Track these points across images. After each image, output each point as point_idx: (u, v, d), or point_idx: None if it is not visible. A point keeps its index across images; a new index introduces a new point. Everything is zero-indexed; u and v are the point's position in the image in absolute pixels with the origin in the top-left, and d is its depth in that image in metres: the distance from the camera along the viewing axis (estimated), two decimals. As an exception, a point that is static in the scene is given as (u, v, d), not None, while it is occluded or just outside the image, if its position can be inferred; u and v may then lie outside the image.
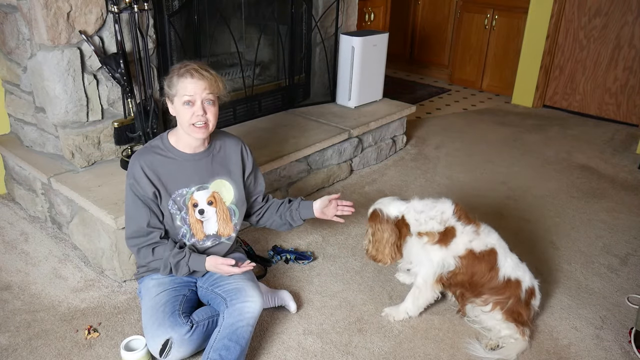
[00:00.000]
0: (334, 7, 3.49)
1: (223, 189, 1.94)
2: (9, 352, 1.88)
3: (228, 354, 1.72)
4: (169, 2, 2.64)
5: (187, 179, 1.86)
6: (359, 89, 3.57)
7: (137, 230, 1.83)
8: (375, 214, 2.07)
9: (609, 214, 3.01)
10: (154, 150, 1.85)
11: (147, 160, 1.81)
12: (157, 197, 1.82)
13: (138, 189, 1.80)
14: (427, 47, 5.81)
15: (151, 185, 1.80)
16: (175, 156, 1.85)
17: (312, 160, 3.05)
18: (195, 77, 1.73)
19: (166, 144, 1.86)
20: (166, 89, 1.80)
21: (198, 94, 1.74)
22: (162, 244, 1.84)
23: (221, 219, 1.94)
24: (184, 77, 1.74)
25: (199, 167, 1.88)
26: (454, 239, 1.97)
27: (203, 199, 1.89)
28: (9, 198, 2.91)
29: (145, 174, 1.79)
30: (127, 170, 1.84)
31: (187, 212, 1.87)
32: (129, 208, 1.84)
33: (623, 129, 4.43)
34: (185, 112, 1.75)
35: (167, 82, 1.79)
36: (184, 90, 1.74)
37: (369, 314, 2.15)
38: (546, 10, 4.62)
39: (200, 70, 1.75)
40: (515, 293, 1.97)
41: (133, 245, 1.86)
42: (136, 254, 1.89)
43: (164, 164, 1.83)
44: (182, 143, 1.86)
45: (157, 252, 1.84)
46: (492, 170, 3.55)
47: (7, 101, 2.75)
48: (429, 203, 2.04)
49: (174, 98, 1.77)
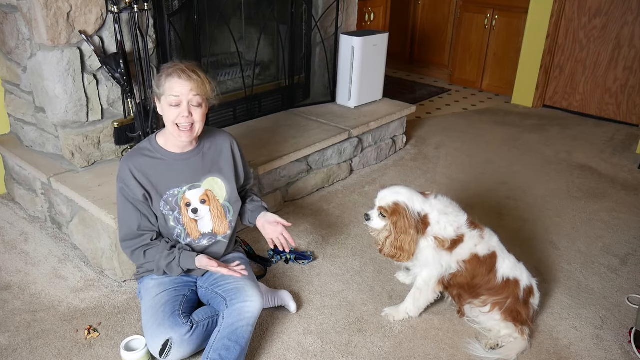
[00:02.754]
0: (334, 7, 3.49)
1: (215, 186, 1.94)
2: (9, 352, 1.88)
3: (228, 354, 1.72)
4: (169, 2, 2.64)
5: (178, 178, 1.86)
6: (359, 89, 3.57)
7: (128, 233, 1.84)
8: (399, 207, 1.92)
9: (609, 214, 3.01)
10: (142, 153, 1.84)
11: (136, 163, 1.81)
12: (147, 199, 1.82)
13: (128, 192, 1.80)
14: (427, 47, 5.81)
15: (140, 188, 1.80)
16: (164, 157, 1.85)
17: (312, 160, 3.05)
18: (183, 77, 1.72)
19: (154, 145, 1.86)
20: (154, 88, 1.80)
21: (184, 95, 1.73)
22: (153, 247, 1.84)
23: (215, 217, 1.93)
24: (172, 77, 1.73)
25: (190, 166, 1.88)
26: (461, 244, 1.96)
27: (195, 198, 1.89)
28: (9, 198, 2.91)
29: (134, 177, 1.79)
30: (117, 175, 1.84)
31: (180, 212, 1.87)
32: (120, 211, 1.85)
33: (623, 129, 4.43)
34: (170, 112, 1.75)
35: (155, 81, 1.79)
36: (170, 90, 1.73)
37: (369, 314, 2.15)
38: (546, 10, 4.62)
39: (187, 72, 1.73)
40: (513, 293, 1.97)
41: (126, 247, 1.87)
42: (130, 256, 1.89)
43: (152, 166, 1.83)
44: (171, 143, 1.85)
45: (148, 255, 1.84)
46: (492, 170, 3.55)
47: (7, 101, 2.75)
48: (449, 206, 1.99)
49: (162, 97, 1.77)
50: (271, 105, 3.40)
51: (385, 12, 5.01)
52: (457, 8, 5.41)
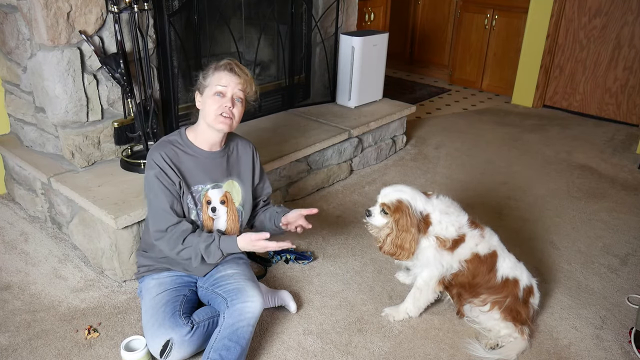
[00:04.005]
0: (334, 7, 3.49)
1: (233, 189, 1.96)
2: (9, 352, 1.88)
3: (228, 354, 1.72)
4: (169, 2, 2.64)
5: (204, 176, 1.87)
6: (359, 88, 3.57)
7: (169, 219, 1.78)
8: (402, 205, 1.91)
9: (609, 214, 3.01)
10: (172, 144, 1.86)
11: (168, 152, 1.82)
12: (181, 188, 1.82)
13: (165, 178, 1.78)
14: (427, 47, 5.81)
15: (176, 175, 1.80)
16: (193, 152, 1.87)
17: (312, 160, 3.05)
18: (234, 71, 1.79)
19: (185, 140, 1.87)
20: (200, 80, 1.84)
21: (231, 87, 1.78)
22: (191, 233, 1.80)
23: (230, 219, 1.95)
24: (221, 70, 1.79)
25: (215, 166, 1.90)
26: (463, 244, 1.96)
27: (216, 198, 1.90)
28: (9, 198, 2.91)
29: (168, 164, 1.80)
30: (148, 162, 1.82)
31: (201, 208, 1.88)
32: (157, 199, 1.78)
33: (623, 129, 4.43)
34: (213, 102, 1.78)
35: (202, 74, 1.84)
36: (218, 80, 1.78)
37: (369, 314, 2.15)
38: (546, 10, 4.62)
39: (239, 66, 1.81)
40: (512, 292, 1.97)
41: (160, 238, 1.80)
42: (166, 245, 1.80)
43: (182, 159, 1.85)
44: (201, 139, 1.87)
45: (187, 241, 1.78)
46: (492, 170, 3.55)
47: (7, 101, 2.75)
48: (451, 206, 1.99)
49: (205, 89, 1.80)
50: (271, 105, 3.40)
51: (385, 12, 5.02)
52: (457, 8, 5.41)
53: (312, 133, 3.12)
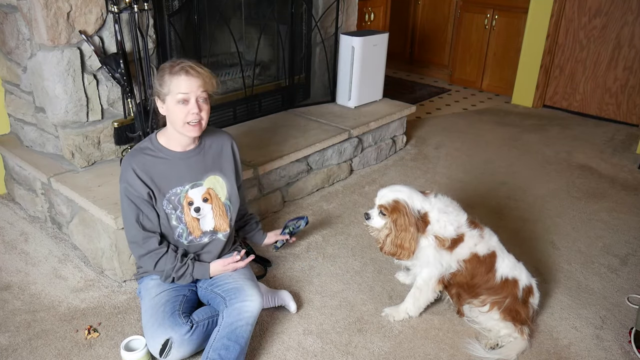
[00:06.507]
0: (334, 7, 3.49)
1: (217, 184, 1.94)
2: (9, 352, 1.88)
3: (227, 354, 1.72)
4: (169, 2, 2.64)
5: (181, 177, 1.86)
6: (359, 89, 3.57)
7: (135, 234, 1.83)
8: (399, 205, 1.92)
9: (609, 214, 3.01)
10: (143, 152, 1.84)
11: (138, 162, 1.81)
12: (151, 197, 1.82)
13: (132, 192, 1.80)
14: (427, 47, 5.81)
15: (145, 187, 1.79)
16: (166, 156, 1.85)
17: (312, 160, 3.05)
18: (191, 74, 1.72)
19: (156, 145, 1.85)
20: (157, 88, 1.78)
21: (193, 92, 1.73)
22: (162, 256, 1.84)
23: (217, 215, 1.94)
24: (178, 75, 1.72)
25: (192, 165, 1.88)
26: (461, 244, 1.96)
27: (198, 197, 1.89)
28: (9, 198, 2.91)
29: (138, 176, 1.79)
30: (120, 175, 1.83)
31: (182, 210, 1.87)
32: (125, 213, 1.84)
33: (623, 129, 4.43)
34: (179, 110, 1.74)
35: (158, 80, 1.77)
36: (177, 88, 1.72)
37: (369, 314, 2.15)
38: (546, 10, 4.62)
39: (194, 68, 1.74)
40: (512, 292, 1.97)
41: (134, 250, 1.88)
42: (137, 260, 1.89)
43: (155, 165, 1.83)
44: (173, 142, 1.85)
45: (159, 265, 1.84)
46: (492, 170, 3.55)
47: (7, 101, 2.75)
48: (450, 205, 1.99)
49: (166, 97, 1.75)
50: (271, 105, 3.40)
51: (385, 12, 5.01)
52: (457, 8, 5.41)
53: (312, 133, 3.12)
